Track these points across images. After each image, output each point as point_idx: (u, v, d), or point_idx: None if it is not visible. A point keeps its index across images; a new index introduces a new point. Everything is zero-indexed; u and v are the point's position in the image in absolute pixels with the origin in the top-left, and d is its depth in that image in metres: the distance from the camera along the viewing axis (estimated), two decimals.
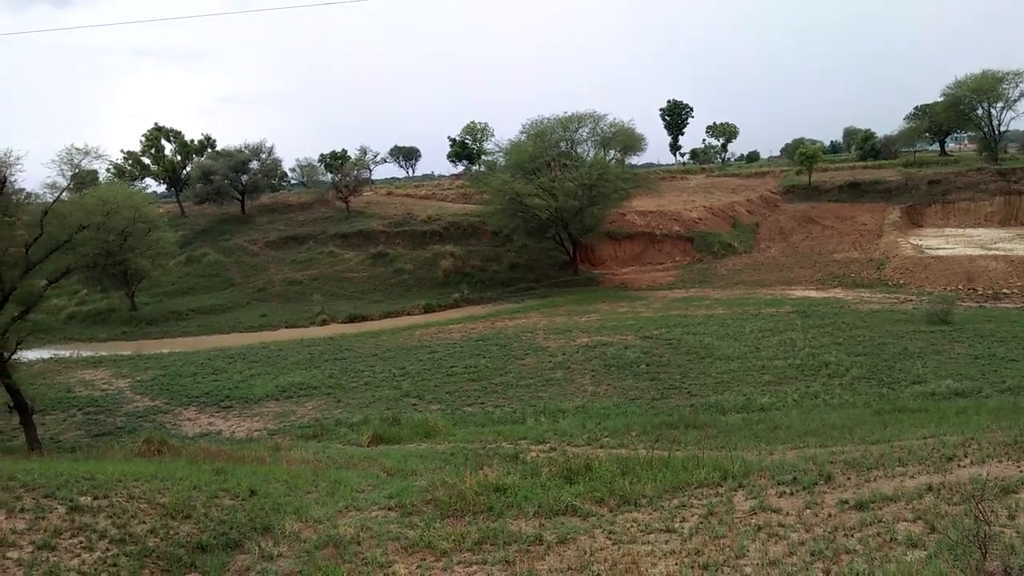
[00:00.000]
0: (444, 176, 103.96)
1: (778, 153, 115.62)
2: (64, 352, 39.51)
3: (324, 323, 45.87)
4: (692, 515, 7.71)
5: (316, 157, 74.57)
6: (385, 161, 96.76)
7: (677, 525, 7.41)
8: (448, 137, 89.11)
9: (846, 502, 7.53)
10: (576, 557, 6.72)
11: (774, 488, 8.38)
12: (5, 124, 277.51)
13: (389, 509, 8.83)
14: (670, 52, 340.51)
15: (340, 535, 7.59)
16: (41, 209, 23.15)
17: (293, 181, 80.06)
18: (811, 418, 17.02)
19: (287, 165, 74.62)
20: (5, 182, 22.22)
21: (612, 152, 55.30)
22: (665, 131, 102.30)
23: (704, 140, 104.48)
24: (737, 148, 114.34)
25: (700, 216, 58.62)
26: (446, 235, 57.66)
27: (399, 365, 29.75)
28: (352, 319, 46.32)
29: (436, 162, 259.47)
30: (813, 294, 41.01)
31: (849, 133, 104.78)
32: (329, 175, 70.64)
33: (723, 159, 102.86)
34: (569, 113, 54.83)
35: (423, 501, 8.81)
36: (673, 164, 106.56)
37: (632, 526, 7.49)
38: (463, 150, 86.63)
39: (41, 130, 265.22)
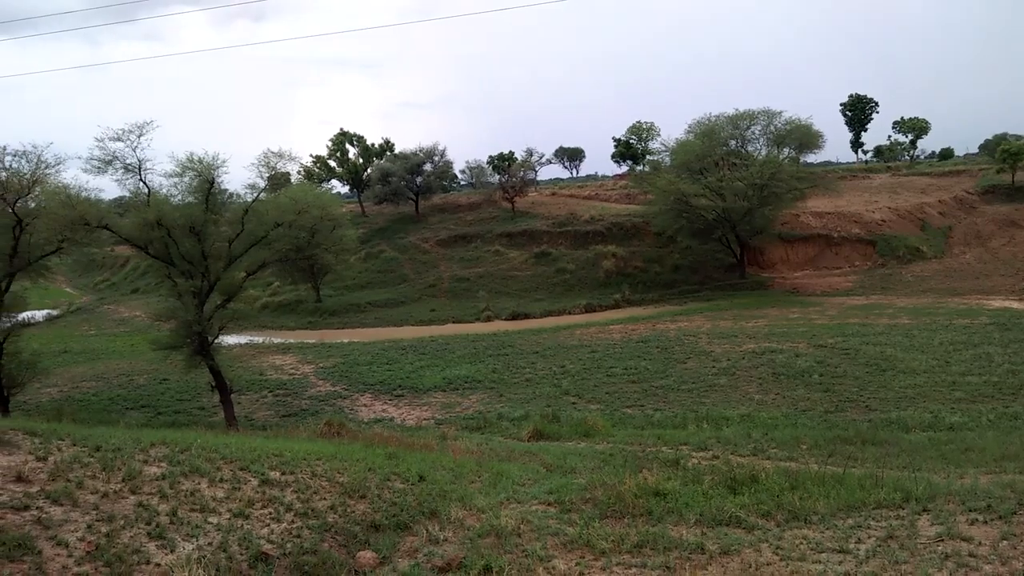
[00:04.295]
0: (608, 176, 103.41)
1: (976, 150, 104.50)
2: (258, 338, 43.43)
3: (488, 319, 47.22)
4: (869, 537, 7.21)
5: (485, 159, 76.88)
6: (550, 162, 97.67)
7: (852, 546, 6.96)
8: (613, 137, 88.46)
9: None
10: (740, 570, 6.49)
11: (964, 515, 7.65)
12: (213, 130, 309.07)
13: (548, 504, 8.95)
14: (853, 43, 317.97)
15: (502, 526, 7.77)
16: (242, 208, 25.57)
17: (463, 182, 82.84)
18: (1010, 441, 15.31)
19: (458, 167, 77.47)
20: (213, 183, 24.74)
21: (786, 150, 52.55)
22: (846, 127, 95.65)
23: (890, 136, 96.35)
24: (928, 144, 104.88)
25: (884, 218, 54.46)
26: (608, 235, 57.44)
27: (559, 363, 30.03)
28: (515, 316, 47.40)
29: (600, 162, 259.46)
30: (1015, 305, 36.84)
31: None
32: (496, 176, 72.53)
33: (911, 157, 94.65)
34: (740, 110, 52.87)
35: (582, 499, 8.85)
36: (854, 162, 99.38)
37: (802, 543, 7.13)
38: (628, 150, 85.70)
39: (242, 135, 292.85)
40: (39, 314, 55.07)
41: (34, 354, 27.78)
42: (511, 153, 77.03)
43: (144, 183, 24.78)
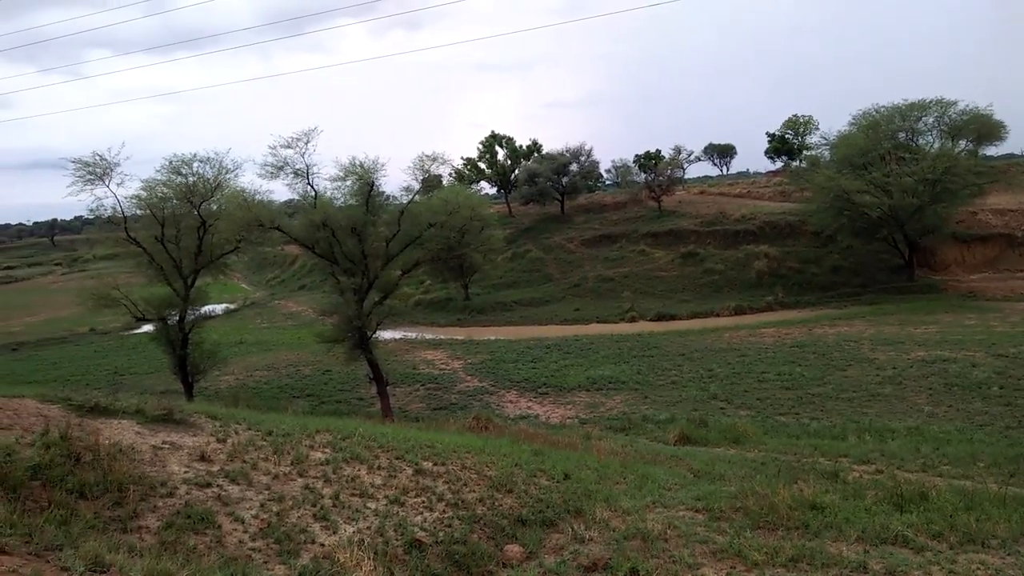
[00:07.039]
0: (760, 174, 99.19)
1: None
2: (411, 334, 45.39)
3: (633, 320, 46.68)
4: None
5: (631, 158, 75.83)
6: (699, 160, 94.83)
7: None
8: (766, 133, 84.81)
9: None
10: None
11: None
12: (372, 135, 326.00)
13: (696, 511, 8.74)
14: None
15: (648, 529, 7.67)
16: (399, 209, 26.81)
17: (608, 182, 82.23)
18: None
19: (603, 166, 76.97)
20: (373, 186, 26.10)
21: (963, 142, 48.15)
22: None
23: None
24: None
25: None
26: (760, 235, 55.03)
27: (707, 366, 29.23)
28: (660, 317, 46.54)
29: (752, 159, 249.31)
30: None
31: None
32: (642, 175, 71.45)
33: None
34: (909, 101, 49.05)
35: (732, 508, 8.57)
36: None
37: (978, 568, 6.55)
38: (783, 145, 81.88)
39: (397, 139, 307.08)
40: (219, 308, 60.63)
41: (214, 344, 30.47)
42: (658, 151, 75.57)
43: (311, 186, 26.60)
